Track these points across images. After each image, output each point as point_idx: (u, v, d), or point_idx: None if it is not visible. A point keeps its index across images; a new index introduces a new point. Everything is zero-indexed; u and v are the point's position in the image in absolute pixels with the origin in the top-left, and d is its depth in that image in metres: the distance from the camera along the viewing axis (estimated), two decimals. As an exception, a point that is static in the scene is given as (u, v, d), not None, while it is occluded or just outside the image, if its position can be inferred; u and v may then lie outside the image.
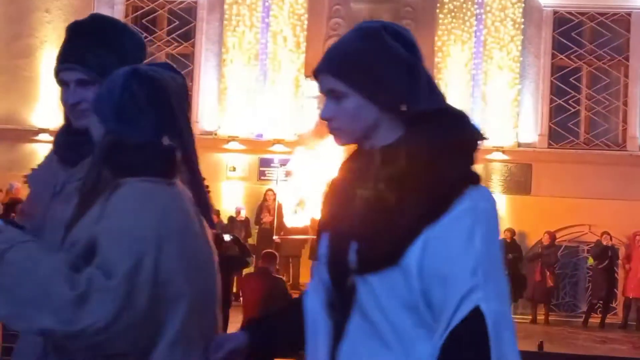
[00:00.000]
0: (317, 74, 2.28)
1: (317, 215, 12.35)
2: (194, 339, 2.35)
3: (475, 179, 2.21)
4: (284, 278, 13.59)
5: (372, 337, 2.15)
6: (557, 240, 18.15)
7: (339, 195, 2.28)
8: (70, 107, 2.83)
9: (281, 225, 14.95)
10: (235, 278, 16.95)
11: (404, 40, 2.27)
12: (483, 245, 2.10)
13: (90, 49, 2.80)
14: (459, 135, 2.27)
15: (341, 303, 2.22)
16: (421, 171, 2.14)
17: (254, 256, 16.50)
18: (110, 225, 2.28)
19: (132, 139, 2.38)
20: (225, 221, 17.58)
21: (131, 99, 2.40)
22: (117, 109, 2.40)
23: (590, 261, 17.92)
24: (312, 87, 18.89)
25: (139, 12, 19.44)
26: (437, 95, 2.30)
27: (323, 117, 2.26)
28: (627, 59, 19.02)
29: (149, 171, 2.37)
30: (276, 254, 11.08)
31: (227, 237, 13.09)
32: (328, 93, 2.25)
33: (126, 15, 19.39)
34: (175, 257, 2.30)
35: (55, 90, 3.02)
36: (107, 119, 2.42)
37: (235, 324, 11.47)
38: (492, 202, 2.20)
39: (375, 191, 2.16)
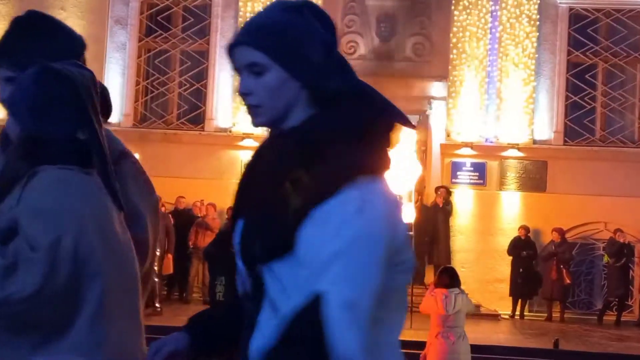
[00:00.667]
0: (235, 47, 2.15)
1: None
2: (114, 318, 2.42)
3: (374, 169, 2.05)
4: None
5: (280, 327, 2.03)
6: (572, 237, 18.10)
7: (249, 181, 2.19)
8: (2, 102, 2.80)
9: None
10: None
11: (323, 19, 2.18)
12: (355, 238, 1.95)
13: (21, 45, 2.79)
14: (367, 118, 2.10)
15: (254, 294, 2.12)
16: (316, 155, 2.03)
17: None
18: (29, 206, 2.36)
19: (48, 134, 2.45)
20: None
21: (44, 97, 2.46)
22: (31, 108, 2.46)
23: (606, 259, 17.86)
24: (327, 84, 18.89)
25: (154, 10, 19.48)
26: (350, 76, 2.17)
27: (242, 92, 2.15)
28: (643, 55, 18.95)
29: (65, 160, 2.45)
30: None
31: None
32: (247, 67, 2.14)
33: (141, 13, 19.44)
34: (93, 236, 2.37)
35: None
36: (22, 118, 2.48)
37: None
38: (384, 199, 2.03)
39: (275, 175, 2.08)
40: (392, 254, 2.03)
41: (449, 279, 9.37)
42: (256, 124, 2.16)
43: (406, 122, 2.17)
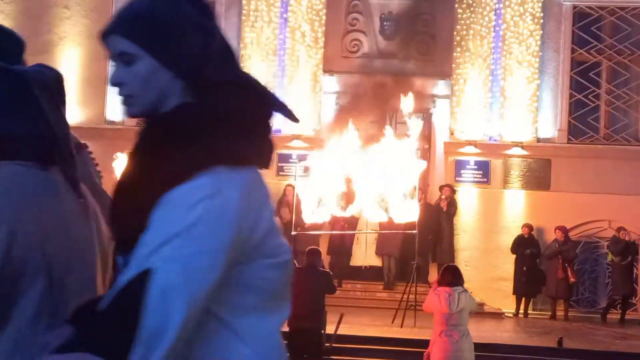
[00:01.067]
0: (106, 36, 2.09)
1: (337, 212, 12.21)
2: (60, 317, 2.35)
3: (239, 159, 2.00)
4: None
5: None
6: (576, 236, 18.09)
7: (124, 171, 2.13)
8: None
9: (299, 220, 14.97)
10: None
11: (202, 7, 2.11)
12: (199, 221, 1.90)
13: None
14: (238, 108, 2.05)
15: None
16: (177, 142, 1.98)
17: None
18: None
19: (9, 132, 2.45)
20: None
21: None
22: None
23: (610, 257, 17.83)
24: (331, 83, 18.90)
25: (157, 8, 19.48)
26: (231, 65, 2.12)
27: (112, 82, 2.10)
28: (647, 53, 18.92)
29: (24, 156, 2.43)
30: (320, 250, 11.14)
31: None
32: (118, 57, 2.08)
33: (145, 11, 19.44)
34: (33, 234, 2.34)
35: (74, 86, 3.04)
36: None
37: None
38: (241, 189, 1.97)
39: (136, 163, 2.05)
40: (250, 246, 1.99)
41: (452, 277, 9.37)
42: (129, 114, 2.10)
43: (288, 114, 2.13)
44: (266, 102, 2.13)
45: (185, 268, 1.89)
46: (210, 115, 2.02)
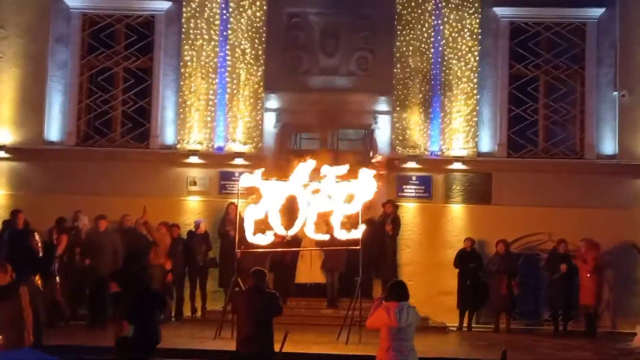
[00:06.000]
0: None
1: (280, 231, 12.07)
2: None
3: None
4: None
5: None
6: (517, 248, 18.24)
7: None
8: None
9: (242, 239, 14.86)
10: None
11: None
12: None
13: None
14: None
15: None
16: None
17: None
18: None
19: None
20: (184, 236, 17.47)
21: None
22: None
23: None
24: (272, 101, 18.85)
25: (96, 27, 19.28)
26: None
27: None
28: (583, 68, 19.20)
29: None
30: (264, 270, 10.93)
31: None
32: None
33: (83, 30, 19.23)
34: None
35: (12, 107, 2.97)
36: None
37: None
38: None
39: None
40: None
41: (400, 292, 9.35)
42: None
43: None
44: None
45: None
46: None
